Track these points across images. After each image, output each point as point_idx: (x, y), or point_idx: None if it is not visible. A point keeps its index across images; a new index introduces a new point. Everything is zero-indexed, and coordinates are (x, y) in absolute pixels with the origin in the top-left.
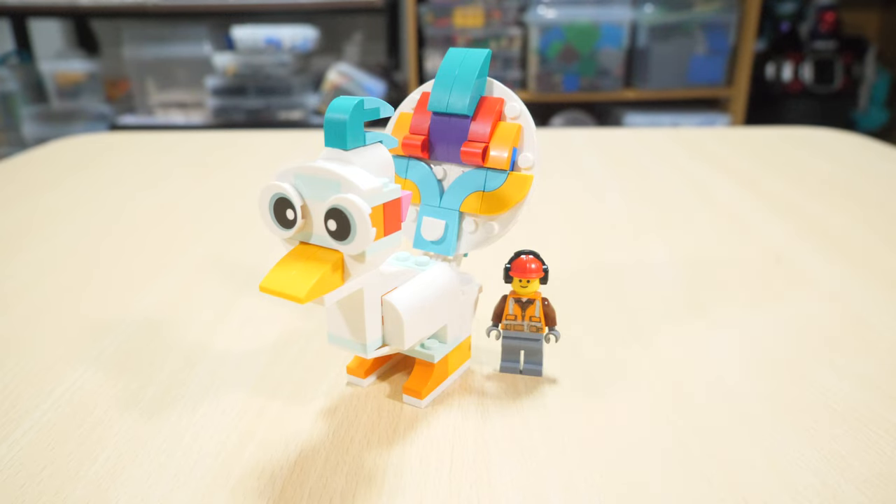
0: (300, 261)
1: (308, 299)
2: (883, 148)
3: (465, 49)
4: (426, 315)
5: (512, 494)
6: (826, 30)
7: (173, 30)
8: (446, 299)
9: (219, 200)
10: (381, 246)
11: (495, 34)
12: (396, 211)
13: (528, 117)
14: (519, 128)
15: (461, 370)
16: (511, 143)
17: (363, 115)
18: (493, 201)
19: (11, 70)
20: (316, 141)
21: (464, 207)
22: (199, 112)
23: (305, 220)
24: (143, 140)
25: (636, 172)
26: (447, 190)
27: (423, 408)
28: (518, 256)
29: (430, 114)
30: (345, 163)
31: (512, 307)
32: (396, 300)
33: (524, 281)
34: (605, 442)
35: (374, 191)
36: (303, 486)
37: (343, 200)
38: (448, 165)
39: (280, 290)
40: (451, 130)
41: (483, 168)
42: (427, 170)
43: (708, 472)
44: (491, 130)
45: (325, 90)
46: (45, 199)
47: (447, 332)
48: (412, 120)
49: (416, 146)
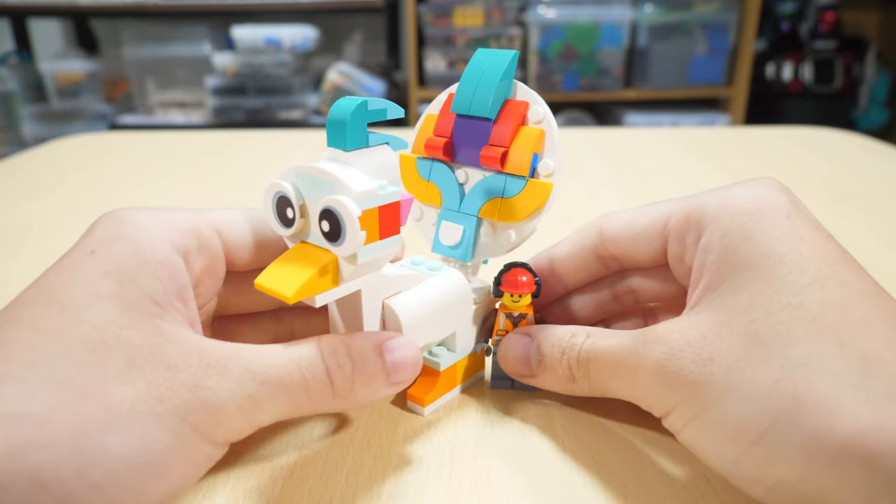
0: (296, 259)
1: (296, 299)
2: (883, 148)
3: (492, 50)
4: (429, 321)
5: (512, 494)
6: (826, 30)
7: (173, 30)
8: (454, 307)
9: (219, 200)
10: (375, 249)
11: (495, 34)
12: (394, 214)
13: (552, 122)
14: (541, 133)
15: (472, 380)
16: (531, 149)
17: (366, 116)
18: (511, 209)
19: (11, 70)
20: (316, 141)
21: (482, 213)
22: (199, 112)
23: (304, 220)
24: (142, 140)
25: (636, 172)
26: (467, 194)
27: (425, 416)
28: (509, 269)
29: (454, 115)
30: (344, 164)
31: (503, 322)
32: (397, 304)
33: (516, 296)
34: (606, 441)
35: (366, 193)
36: (303, 486)
37: (333, 202)
38: (470, 169)
39: (271, 288)
40: (473, 133)
41: (503, 174)
42: (449, 173)
43: (707, 470)
44: (512, 134)
45: (325, 90)
46: (45, 199)
47: (456, 340)
48: (437, 121)
49: (438, 148)
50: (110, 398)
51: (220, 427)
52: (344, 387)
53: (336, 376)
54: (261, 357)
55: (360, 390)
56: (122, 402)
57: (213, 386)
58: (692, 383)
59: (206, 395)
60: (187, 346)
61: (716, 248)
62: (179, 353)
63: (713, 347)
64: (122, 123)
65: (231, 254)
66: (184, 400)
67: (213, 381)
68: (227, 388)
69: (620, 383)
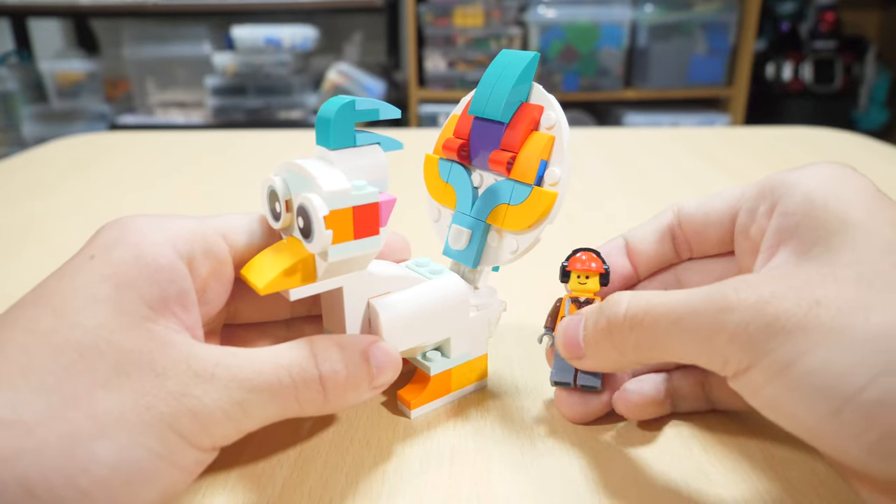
0: (277, 253)
1: (266, 291)
2: (883, 148)
3: (514, 51)
4: (414, 324)
5: (512, 494)
6: (826, 30)
7: (173, 29)
8: (448, 312)
9: (219, 200)
10: (348, 249)
11: (495, 34)
12: (372, 215)
13: (564, 129)
14: (551, 139)
15: (468, 390)
16: (539, 155)
17: (353, 116)
18: (516, 216)
19: (11, 70)
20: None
21: (490, 219)
22: (199, 112)
23: (290, 214)
24: (142, 140)
25: (636, 172)
26: (479, 198)
27: (411, 419)
28: (575, 253)
29: (472, 117)
30: (327, 162)
31: (568, 307)
32: (380, 305)
33: (583, 277)
34: (606, 441)
35: (337, 192)
36: (303, 486)
37: (304, 199)
38: (484, 173)
39: (248, 278)
40: (487, 135)
41: (511, 179)
42: (465, 175)
43: (707, 469)
44: (522, 139)
45: (324, 90)
46: (45, 198)
47: (451, 346)
48: (457, 122)
49: (454, 150)
50: (98, 406)
51: (207, 434)
52: (336, 392)
53: (329, 383)
54: (250, 363)
55: (349, 395)
56: (109, 409)
57: (199, 395)
58: (794, 328)
59: (192, 403)
60: (177, 351)
61: (800, 211)
62: (168, 360)
63: (819, 292)
64: (122, 123)
65: (238, 258)
66: (170, 408)
67: (200, 389)
68: (214, 397)
69: (680, 340)
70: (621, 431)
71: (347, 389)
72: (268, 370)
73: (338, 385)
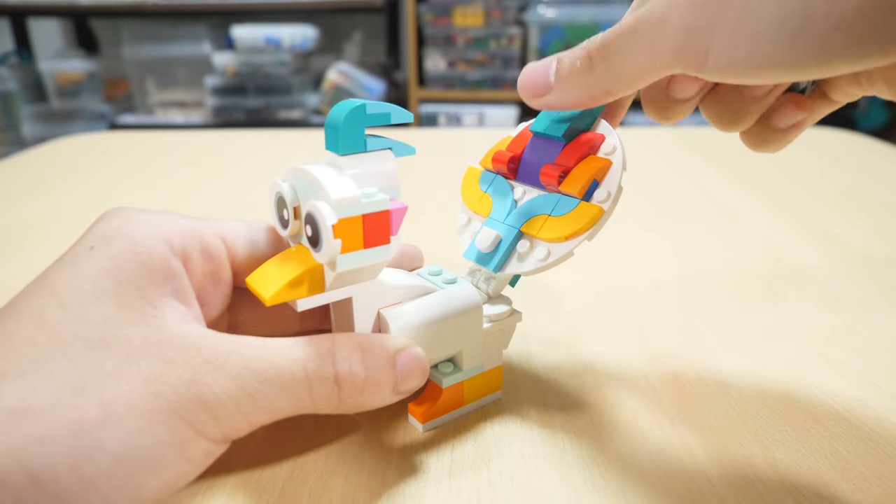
0: (284, 262)
1: (272, 302)
2: (883, 148)
3: None
4: (425, 336)
5: (512, 494)
6: None
7: (173, 29)
8: (460, 323)
9: (219, 200)
10: (358, 258)
11: (495, 33)
12: (383, 223)
13: (622, 157)
14: (607, 163)
15: (482, 402)
16: (593, 175)
17: (363, 121)
18: (555, 226)
19: (11, 70)
20: (316, 141)
21: (525, 227)
22: (199, 111)
23: (299, 221)
24: (142, 140)
25: (636, 172)
26: (517, 209)
27: (421, 433)
28: None
29: (530, 135)
30: (336, 168)
31: None
32: (390, 316)
33: None
34: (606, 441)
35: (346, 200)
36: (303, 486)
37: (312, 207)
38: (528, 188)
39: (254, 287)
40: (543, 151)
41: (557, 193)
42: (507, 188)
43: (707, 469)
44: (578, 158)
45: (324, 89)
46: (45, 198)
47: (463, 358)
48: (513, 139)
49: (504, 161)
50: (106, 393)
51: (217, 424)
52: (352, 394)
53: (345, 382)
54: (265, 354)
55: (366, 397)
56: (117, 397)
57: (210, 382)
58: None
59: (202, 391)
60: (188, 340)
61: None
62: (179, 349)
63: None
64: (121, 123)
65: (238, 265)
66: (179, 395)
67: (211, 377)
68: (225, 386)
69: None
70: (622, 431)
71: (365, 391)
72: (282, 363)
73: (354, 386)
